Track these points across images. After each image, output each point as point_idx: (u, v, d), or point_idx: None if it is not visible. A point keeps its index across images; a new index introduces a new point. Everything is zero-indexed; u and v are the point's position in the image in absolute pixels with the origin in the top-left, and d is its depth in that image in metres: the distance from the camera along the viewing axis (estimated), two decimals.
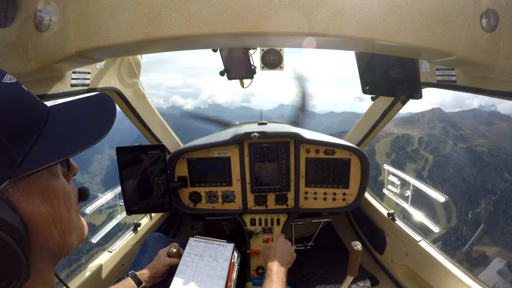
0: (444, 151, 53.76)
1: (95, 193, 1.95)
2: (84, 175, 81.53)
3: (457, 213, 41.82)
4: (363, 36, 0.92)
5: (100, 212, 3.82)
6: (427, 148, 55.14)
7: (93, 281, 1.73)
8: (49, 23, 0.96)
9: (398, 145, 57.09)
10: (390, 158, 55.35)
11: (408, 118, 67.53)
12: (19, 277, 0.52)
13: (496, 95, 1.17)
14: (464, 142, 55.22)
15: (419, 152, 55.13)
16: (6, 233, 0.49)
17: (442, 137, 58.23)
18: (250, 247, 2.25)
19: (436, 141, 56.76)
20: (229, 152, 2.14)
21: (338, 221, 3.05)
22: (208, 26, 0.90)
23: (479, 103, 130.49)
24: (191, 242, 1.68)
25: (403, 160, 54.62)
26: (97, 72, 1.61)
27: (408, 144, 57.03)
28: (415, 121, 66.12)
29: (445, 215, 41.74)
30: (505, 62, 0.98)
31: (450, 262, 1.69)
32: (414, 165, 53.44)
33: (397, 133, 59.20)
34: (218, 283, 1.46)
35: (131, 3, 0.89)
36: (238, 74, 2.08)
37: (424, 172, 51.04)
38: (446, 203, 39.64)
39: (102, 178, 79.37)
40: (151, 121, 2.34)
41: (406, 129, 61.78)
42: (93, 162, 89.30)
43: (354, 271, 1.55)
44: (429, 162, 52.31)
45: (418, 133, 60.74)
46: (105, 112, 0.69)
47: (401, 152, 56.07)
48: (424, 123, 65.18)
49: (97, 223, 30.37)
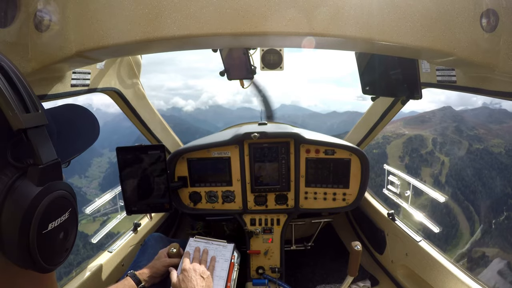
0: (460, 153, 50.28)
1: (91, 198, 1.94)
2: (82, 179, 78.96)
3: (481, 223, 38.57)
4: (363, 36, 0.92)
5: (94, 221, 3.74)
6: (442, 150, 51.75)
7: (93, 281, 1.73)
8: (49, 23, 0.97)
9: (411, 147, 53.55)
10: (404, 161, 51.81)
11: (419, 117, 63.71)
12: (72, 247, 0.60)
13: (496, 95, 1.17)
14: (479, 143, 51.59)
15: (435, 155, 51.60)
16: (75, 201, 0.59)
17: (456, 138, 54.58)
18: (250, 247, 2.25)
19: (450, 142, 53.29)
20: (229, 152, 2.14)
21: (338, 221, 3.05)
22: (208, 26, 0.90)
23: (483, 100, 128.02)
24: (191, 242, 1.68)
25: (418, 163, 50.92)
26: (97, 72, 1.61)
27: (422, 146, 53.39)
28: (426, 120, 62.87)
29: (469, 228, 38.55)
30: (505, 62, 0.98)
31: (450, 262, 1.69)
32: (430, 169, 49.89)
33: (409, 133, 55.66)
34: (218, 283, 1.46)
35: (131, 3, 0.89)
36: (238, 74, 2.08)
37: (442, 177, 47.74)
38: (468, 213, 36.88)
39: (100, 182, 76.69)
40: (151, 121, 2.34)
41: (418, 129, 58.01)
42: (91, 166, 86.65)
43: (354, 271, 1.55)
44: (446, 166, 48.97)
45: (431, 133, 57.16)
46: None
47: (415, 155, 52.50)
48: (436, 123, 61.87)
49: (90, 232, 30.17)
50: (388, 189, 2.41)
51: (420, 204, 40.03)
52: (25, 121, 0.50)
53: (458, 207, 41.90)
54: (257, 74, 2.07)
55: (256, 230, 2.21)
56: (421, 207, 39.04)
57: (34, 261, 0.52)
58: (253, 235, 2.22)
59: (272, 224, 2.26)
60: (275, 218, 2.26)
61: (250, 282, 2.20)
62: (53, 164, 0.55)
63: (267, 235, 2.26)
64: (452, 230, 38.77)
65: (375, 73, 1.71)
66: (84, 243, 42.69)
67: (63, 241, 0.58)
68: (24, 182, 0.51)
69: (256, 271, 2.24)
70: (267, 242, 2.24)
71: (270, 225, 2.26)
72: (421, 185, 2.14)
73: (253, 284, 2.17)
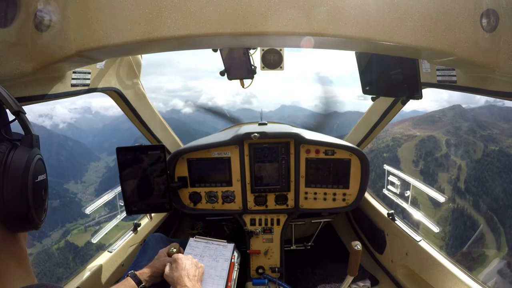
0: (476, 155, 44.46)
1: (86, 205, 1.93)
2: (78, 184, 75.23)
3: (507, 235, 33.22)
4: (363, 36, 0.92)
5: (86, 231, 3.61)
6: (457, 153, 46.48)
7: (93, 281, 1.73)
8: (49, 23, 0.97)
9: (424, 149, 47.78)
10: (418, 166, 46.21)
11: (429, 117, 58.67)
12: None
13: (496, 95, 1.17)
14: (494, 144, 45.55)
15: (450, 158, 46.17)
16: None
17: (470, 139, 48.90)
18: (250, 247, 2.25)
19: (464, 143, 47.78)
20: (229, 152, 2.14)
21: (338, 221, 3.05)
22: (208, 26, 0.90)
23: (485, 98, 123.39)
24: (191, 242, 1.68)
25: (433, 168, 45.06)
26: (97, 72, 1.61)
27: (436, 149, 48.03)
28: (437, 120, 57.39)
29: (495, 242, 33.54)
30: (505, 62, 0.98)
31: (450, 262, 1.69)
32: (447, 174, 44.17)
33: (421, 135, 50.47)
34: (219, 283, 1.46)
35: (131, 3, 0.89)
36: (239, 74, 2.08)
37: (460, 183, 41.82)
38: (493, 224, 33.05)
39: (96, 187, 71.35)
40: (152, 121, 2.34)
41: (429, 130, 52.65)
42: (88, 170, 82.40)
43: (354, 271, 1.55)
44: (463, 171, 43.18)
45: (444, 134, 52.07)
46: None
47: (430, 159, 46.53)
48: (448, 123, 56.38)
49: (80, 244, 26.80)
50: (388, 189, 2.41)
51: (441, 217, 36.90)
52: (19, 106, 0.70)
53: (482, 218, 36.94)
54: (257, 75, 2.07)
55: (256, 230, 2.21)
56: (442, 220, 36.46)
57: (29, 207, 0.65)
58: (253, 235, 2.22)
59: (272, 224, 2.26)
60: (275, 218, 2.26)
61: (250, 282, 2.20)
62: (35, 135, 0.73)
63: (267, 235, 2.26)
64: (478, 245, 33.28)
65: (375, 73, 1.71)
66: (74, 256, 40.61)
67: (44, 198, 0.73)
68: (20, 147, 0.67)
69: (256, 271, 2.24)
70: (267, 242, 2.25)
71: (270, 225, 2.26)
72: (421, 185, 2.14)
73: (253, 284, 2.17)
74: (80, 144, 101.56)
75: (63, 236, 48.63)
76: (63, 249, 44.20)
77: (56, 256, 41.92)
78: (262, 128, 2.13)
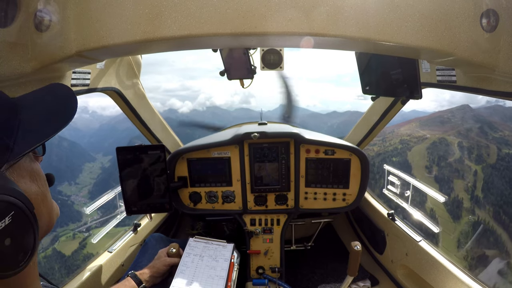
0: (490, 159, 40.72)
1: (78, 208, 1.85)
2: (71, 186, 71.82)
3: None
4: (363, 36, 0.92)
5: (74, 238, 3.43)
6: (471, 157, 42.52)
7: (93, 281, 1.73)
8: (49, 23, 0.96)
9: (437, 153, 43.90)
10: (432, 173, 42.31)
11: (437, 118, 55.70)
12: (33, 248, 0.56)
13: (496, 95, 1.17)
14: (507, 147, 42.15)
15: (464, 163, 42.00)
16: (22, 203, 0.53)
17: (482, 141, 45.05)
18: (250, 247, 2.25)
19: (477, 146, 44.03)
20: (229, 152, 2.14)
21: (338, 221, 3.05)
22: (208, 26, 0.90)
23: (487, 98, 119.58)
24: (191, 242, 1.68)
25: (448, 175, 41.03)
26: (97, 72, 1.61)
27: (449, 153, 44.35)
28: (445, 121, 54.45)
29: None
30: (505, 62, 0.98)
31: (450, 262, 1.69)
32: (463, 182, 39.83)
33: (431, 137, 47.04)
34: (218, 283, 1.46)
35: (131, 3, 0.89)
36: (238, 74, 2.08)
37: (478, 191, 37.58)
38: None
39: (90, 189, 68.10)
40: (151, 121, 2.33)
41: (438, 132, 49.65)
42: (83, 172, 78.61)
43: (354, 271, 1.55)
44: (480, 177, 38.64)
45: (455, 137, 48.09)
46: (66, 97, 0.74)
47: (444, 164, 42.58)
48: (458, 124, 53.07)
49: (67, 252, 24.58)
50: (388, 189, 2.41)
51: (461, 231, 34.19)
52: None
53: (505, 232, 32.68)
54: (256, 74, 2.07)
55: (256, 230, 2.21)
56: (464, 235, 34.11)
57: None
58: (253, 235, 2.22)
59: (272, 224, 2.26)
60: (275, 218, 2.26)
61: (250, 282, 2.19)
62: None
63: (267, 235, 2.26)
64: (503, 265, 28.39)
65: (375, 73, 1.71)
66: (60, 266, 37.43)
67: (11, 248, 0.53)
68: None
69: (256, 271, 2.24)
70: (267, 242, 2.25)
71: (270, 225, 2.26)
72: (421, 185, 2.14)
73: (253, 284, 2.17)
74: (75, 144, 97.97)
75: (51, 243, 43.64)
76: (49, 257, 40.65)
77: (42, 265, 37.99)
78: (262, 128, 2.13)
